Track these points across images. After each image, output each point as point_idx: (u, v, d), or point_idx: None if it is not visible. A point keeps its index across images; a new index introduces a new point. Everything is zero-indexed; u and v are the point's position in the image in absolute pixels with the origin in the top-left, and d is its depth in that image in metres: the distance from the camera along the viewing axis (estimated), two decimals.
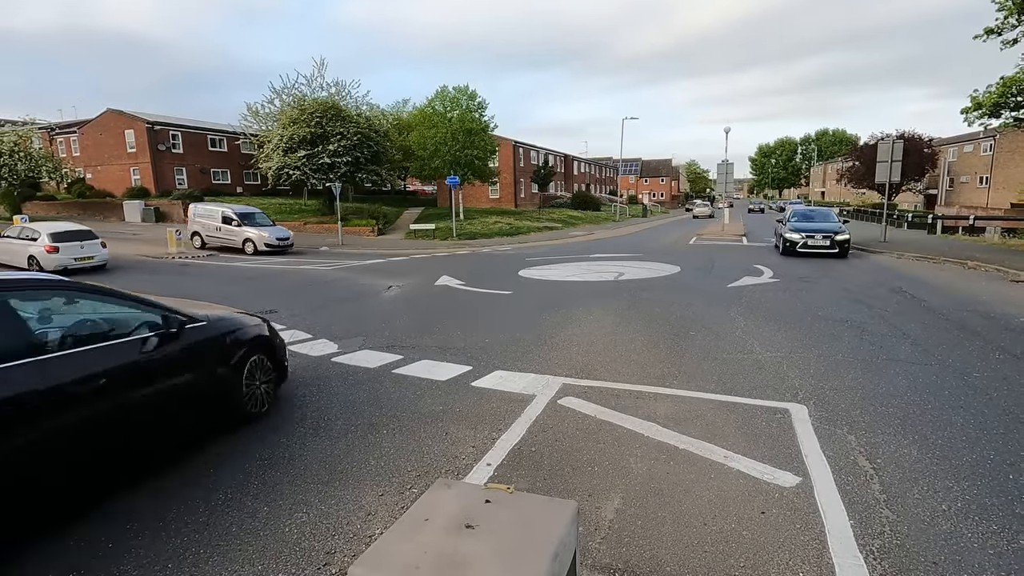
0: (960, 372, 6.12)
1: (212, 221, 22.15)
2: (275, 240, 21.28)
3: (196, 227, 22.63)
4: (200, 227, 22.44)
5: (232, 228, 21.59)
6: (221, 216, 22.01)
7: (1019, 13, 18.24)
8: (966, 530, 3.30)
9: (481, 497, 2.07)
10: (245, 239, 21.32)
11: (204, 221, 22.39)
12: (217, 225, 21.93)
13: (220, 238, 21.97)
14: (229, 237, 21.71)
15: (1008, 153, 41.21)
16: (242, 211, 22.55)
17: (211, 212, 22.61)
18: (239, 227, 21.48)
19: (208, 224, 22.22)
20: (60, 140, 43.76)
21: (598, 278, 13.71)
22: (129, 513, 3.61)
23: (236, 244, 21.54)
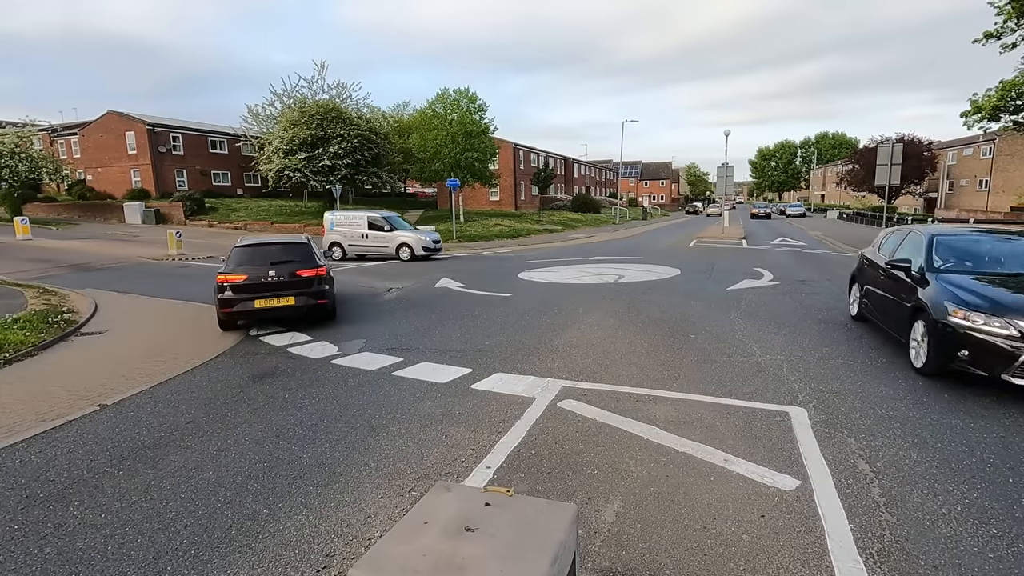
0: (960, 374, 6.10)
1: (356, 228, 20.29)
2: (431, 243, 19.94)
3: (336, 237, 20.44)
4: (341, 236, 20.40)
5: (382, 234, 19.98)
6: (367, 222, 20.27)
7: (1018, 17, 18.29)
8: (966, 534, 3.30)
9: (480, 500, 2.07)
10: (400, 245, 19.71)
11: (346, 229, 20.43)
12: (362, 232, 20.15)
13: (367, 246, 20.16)
14: (379, 244, 20.00)
15: (1007, 157, 41.28)
16: (386, 215, 21.11)
17: (354, 219, 20.62)
18: (391, 232, 19.97)
19: (351, 232, 20.31)
20: (61, 142, 43.80)
21: (598, 281, 13.71)
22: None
23: (388, 251, 19.87)
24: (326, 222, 21.08)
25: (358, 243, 20.27)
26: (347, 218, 20.80)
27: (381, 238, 20.01)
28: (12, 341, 7.79)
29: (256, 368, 6.92)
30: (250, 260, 8.91)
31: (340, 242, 20.43)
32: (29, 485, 4.12)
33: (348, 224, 20.50)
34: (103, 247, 22.83)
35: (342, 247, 20.40)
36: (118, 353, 7.87)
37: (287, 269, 8.84)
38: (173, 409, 5.60)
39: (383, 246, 20.00)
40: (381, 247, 20.03)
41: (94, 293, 12.31)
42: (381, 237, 20.00)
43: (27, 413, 5.55)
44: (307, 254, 9.26)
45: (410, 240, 19.67)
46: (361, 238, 20.21)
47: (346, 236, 20.37)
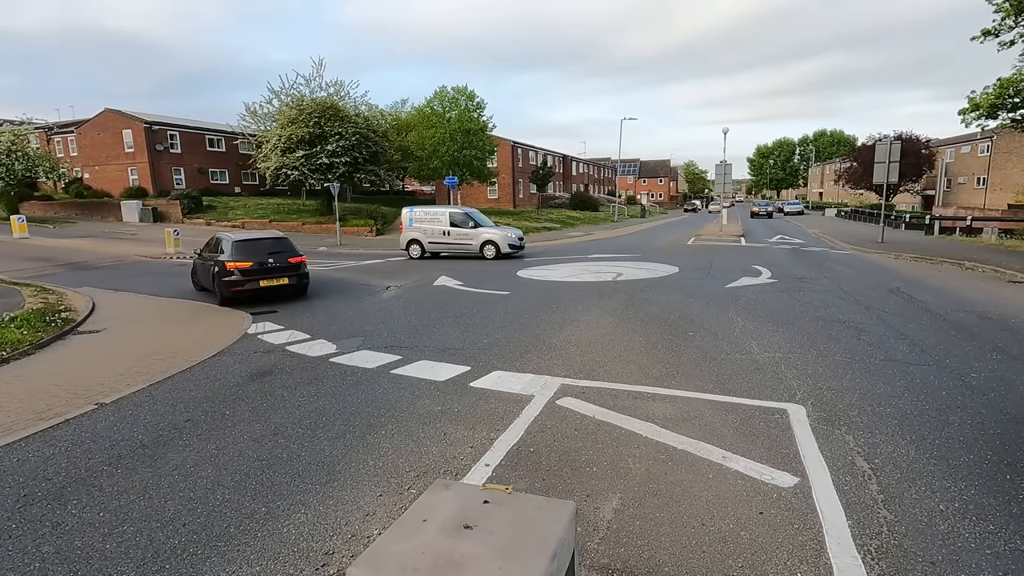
0: (957, 372, 6.13)
1: (437, 225, 19.42)
2: (516, 240, 19.13)
3: (415, 234, 19.62)
4: (421, 233, 19.55)
5: (466, 231, 19.08)
6: (449, 219, 19.40)
7: (1016, 15, 18.30)
8: (963, 530, 3.31)
9: (479, 498, 2.07)
10: (485, 242, 18.81)
11: (426, 226, 19.55)
12: (444, 229, 19.29)
13: (449, 244, 19.36)
14: (462, 242, 19.14)
15: (1005, 154, 41.35)
16: (468, 211, 20.32)
17: (435, 215, 19.73)
18: (474, 228, 19.08)
19: (432, 229, 19.45)
20: (58, 140, 43.64)
21: (596, 279, 13.72)
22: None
23: (471, 249, 19.03)
24: (404, 219, 20.06)
25: (439, 240, 19.43)
26: (427, 215, 19.84)
27: (464, 235, 19.15)
28: (10, 340, 7.77)
29: (254, 366, 6.91)
30: (251, 251, 11.22)
31: (419, 239, 19.57)
32: (27, 484, 4.11)
33: (428, 221, 19.63)
34: (100, 245, 22.77)
35: (421, 245, 19.54)
36: (116, 352, 7.86)
37: (281, 257, 11.42)
38: (171, 408, 5.60)
39: (466, 243, 19.13)
40: (464, 244, 19.17)
41: (91, 291, 12.28)
42: (464, 234, 19.16)
43: (25, 412, 5.54)
44: (290, 247, 11.86)
45: (495, 237, 18.83)
46: (442, 235, 19.36)
47: (426, 233, 19.51)
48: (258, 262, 11.10)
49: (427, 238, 19.50)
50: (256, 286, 11.01)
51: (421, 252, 19.56)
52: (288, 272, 11.36)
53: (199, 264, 12.63)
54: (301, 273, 11.67)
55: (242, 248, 11.19)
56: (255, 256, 11.17)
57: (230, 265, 10.88)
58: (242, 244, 11.30)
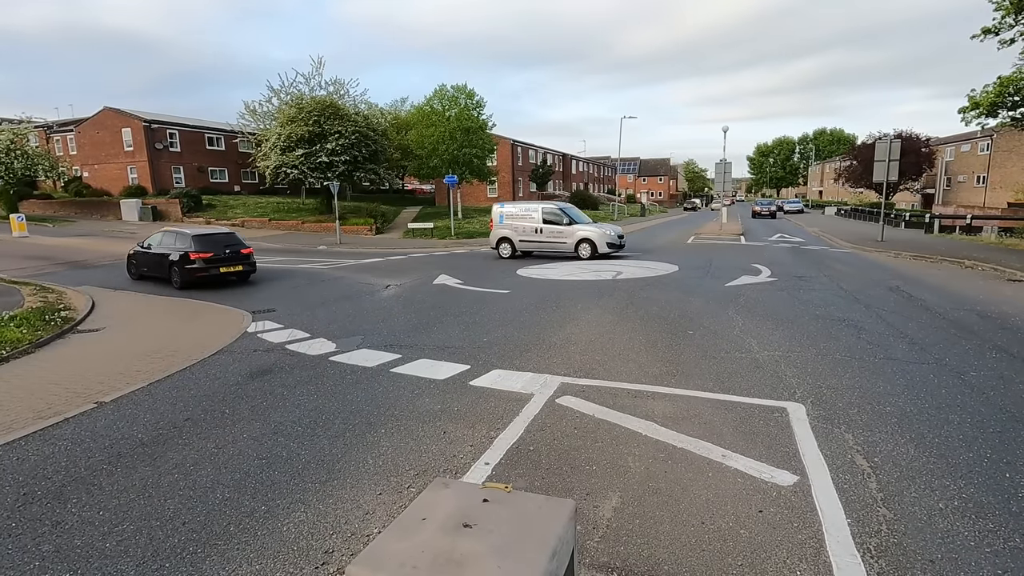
0: (957, 371, 6.13)
1: (529, 222, 18.18)
2: (616, 238, 17.67)
3: (505, 232, 18.44)
4: (511, 231, 18.36)
5: (560, 228, 17.76)
6: (541, 215, 18.08)
7: (1016, 13, 18.29)
8: (963, 528, 3.31)
9: (479, 496, 2.07)
10: (580, 241, 17.47)
11: (518, 223, 18.34)
12: (536, 226, 18.05)
13: (541, 242, 18.11)
14: (555, 240, 17.87)
15: (1005, 153, 41.33)
16: (563, 206, 18.79)
17: (526, 212, 18.39)
18: (569, 226, 17.70)
19: (523, 227, 18.24)
20: (57, 138, 43.59)
21: (596, 277, 13.71)
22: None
23: (566, 248, 17.81)
24: (494, 215, 18.90)
25: (531, 238, 18.22)
26: (519, 211, 18.61)
27: (558, 233, 17.84)
28: (9, 339, 7.77)
29: (254, 365, 6.91)
30: (210, 244, 13.36)
31: (510, 237, 18.40)
32: (27, 483, 4.11)
33: (520, 217, 18.39)
34: (100, 244, 22.75)
35: (512, 243, 18.35)
36: (116, 350, 7.86)
37: (235, 249, 13.68)
38: (171, 406, 5.59)
39: (560, 242, 17.87)
40: (558, 243, 17.91)
41: (91, 290, 12.27)
42: (558, 232, 17.84)
43: (24, 411, 5.54)
44: (239, 241, 14.18)
45: (592, 235, 17.47)
46: (535, 233, 18.13)
47: (517, 231, 18.33)
48: (216, 253, 13.27)
49: (518, 236, 18.31)
50: (217, 272, 13.21)
51: (512, 251, 18.41)
52: (241, 261, 13.71)
53: (144, 256, 14.40)
54: (251, 262, 14.00)
55: (203, 241, 13.31)
56: (214, 248, 13.33)
57: (193, 255, 12.93)
58: (202, 238, 13.42)
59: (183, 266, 12.97)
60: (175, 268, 13.20)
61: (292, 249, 22.14)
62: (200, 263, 12.91)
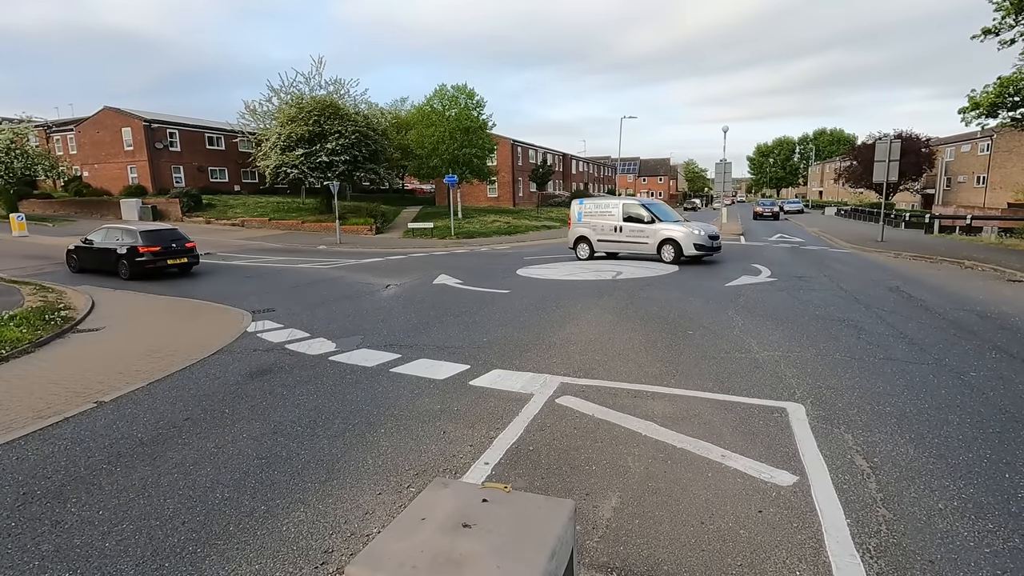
0: (956, 371, 6.13)
1: (608, 220, 16.59)
2: (706, 239, 15.63)
3: (584, 230, 17.05)
4: (590, 230, 16.93)
5: (641, 227, 16.09)
6: (622, 212, 16.44)
7: (1016, 13, 18.30)
8: (962, 529, 3.31)
9: (478, 496, 2.07)
10: (663, 241, 15.77)
11: (596, 221, 16.82)
12: (615, 224, 16.44)
13: (620, 242, 16.61)
14: (636, 240, 16.25)
15: (1005, 153, 41.33)
16: (647, 202, 17.10)
17: (605, 208, 16.80)
18: (651, 224, 15.95)
19: (602, 224, 16.71)
20: (57, 138, 43.59)
21: (596, 277, 13.71)
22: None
23: (647, 249, 16.19)
24: (573, 212, 17.52)
25: (609, 238, 16.68)
26: (598, 207, 17.07)
27: (639, 232, 16.19)
28: (9, 338, 7.77)
29: (254, 365, 6.91)
30: (157, 239, 14.78)
31: (588, 237, 16.91)
32: (26, 482, 4.11)
33: (599, 214, 16.86)
34: None
35: (590, 244, 16.90)
36: (115, 350, 7.86)
37: (179, 243, 15.11)
38: (171, 406, 5.60)
39: (641, 242, 16.21)
40: (638, 243, 16.27)
41: (91, 290, 12.27)
42: (639, 231, 16.19)
43: (24, 410, 5.54)
44: (183, 236, 15.51)
45: (677, 235, 15.61)
46: (613, 232, 16.53)
47: (596, 229, 16.88)
48: (163, 247, 14.71)
49: (596, 235, 16.87)
50: (165, 264, 14.62)
51: (590, 252, 16.99)
52: (186, 254, 15.17)
53: (86, 251, 15.50)
54: (194, 255, 15.52)
55: (150, 236, 14.79)
56: (160, 242, 14.75)
57: (142, 249, 14.37)
58: (150, 233, 14.93)
59: (132, 259, 14.34)
60: (124, 261, 14.47)
61: (292, 249, 22.14)
62: (148, 256, 14.35)
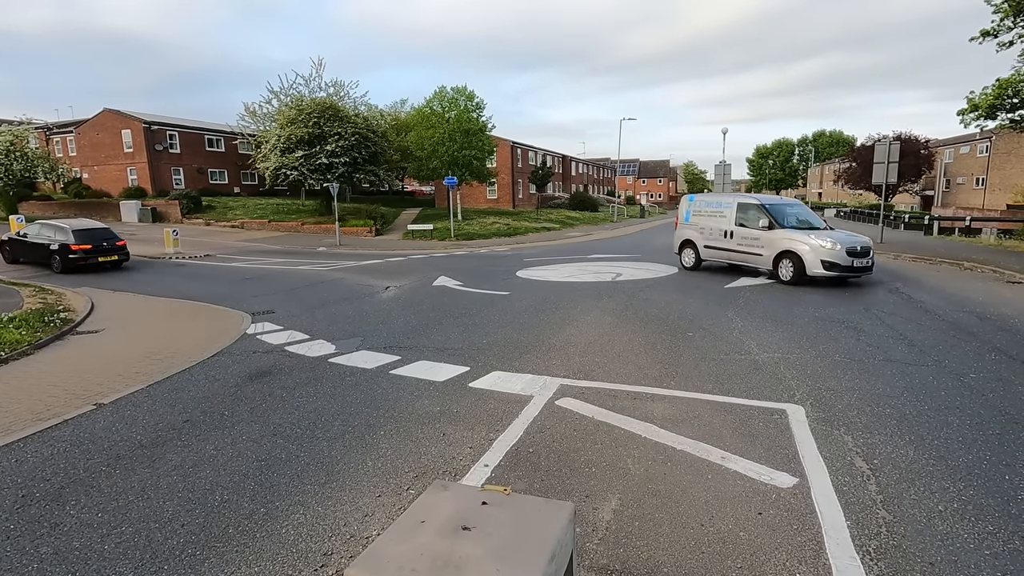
0: (956, 373, 6.13)
1: (717, 222, 13.49)
2: (842, 255, 11.32)
3: (690, 233, 14.23)
4: (697, 232, 14.09)
5: (755, 233, 12.65)
6: (735, 212, 13.13)
7: (1014, 16, 18.33)
8: (962, 531, 3.31)
9: (478, 499, 2.07)
10: (781, 253, 12.05)
11: (705, 222, 13.85)
12: (725, 229, 13.25)
13: (729, 251, 13.32)
14: (747, 250, 12.82)
15: (1004, 155, 41.41)
16: (767, 201, 13.18)
17: (716, 207, 13.65)
18: (769, 231, 12.36)
19: (710, 227, 13.70)
20: (56, 140, 43.60)
21: (596, 279, 13.71)
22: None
23: (760, 263, 12.63)
24: (681, 211, 14.70)
25: (716, 244, 13.56)
26: (710, 206, 13.93)
27: (752, 240, 12.69)
28: (8, 340, 7.76)
29: (253, 367, 6.90)
30: (89, 237, 15.96)
31: (694, 241, 14.04)
32: (26, 484, 4.11)
33: (710, 214, 13.78)
34: None
35: (696, 250, 14.00)
36: (115, 352, 7.85)
37: (111, 241, 16.38)
38: (170, 408, 5.59)
39: (752, 252, 12.68)
40: (750, 253, 12.76)
41: (90, 292, 12.27)
42: (752, 239, 12.69)
43: (23, 412, 5.53)
44: (114, 235, 16.82)
45: (800, 246, 11.75)
46: (722, 237, 13.35)
47: (703, 233, 13.95)
48: (95, 244, 15.86)
49: (704, 239, 13.94)
50: (96, 260, 15.79)
51: (695, 260, 14.06)
52: (116, 251, 16.39)
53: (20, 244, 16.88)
54: (124, 252, 16.74)
55: (82, 235, 15.87)
56: (92, 240, 15.88)
57: (74, 247, 15.49)
58: (82, 232, 16.00)
59: (65, 255, 15.52)
60: (56, 256, 15.63)
61: (292, 251, 22.14)
62: (81, 253, 15.59)
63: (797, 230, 12.36)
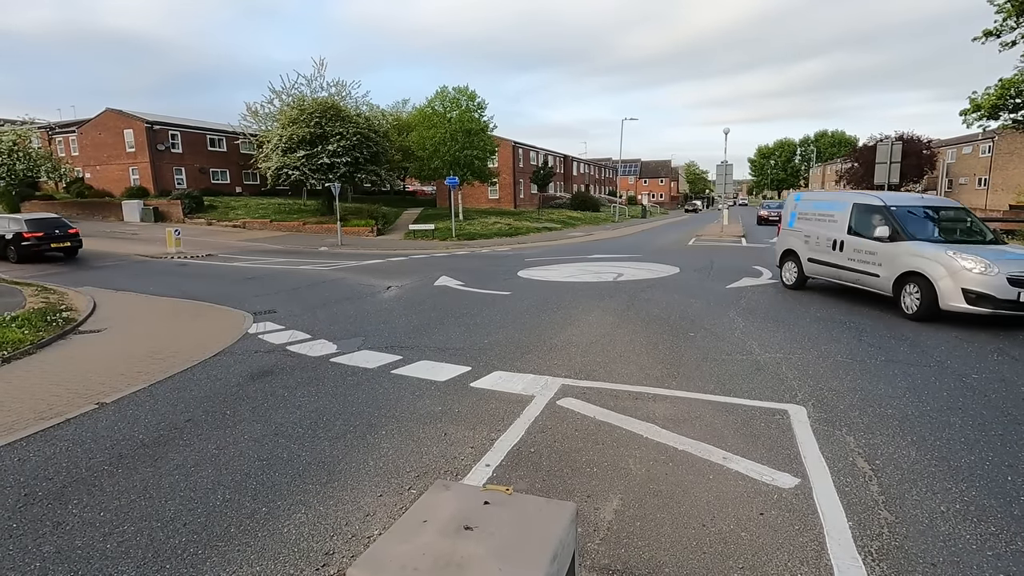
0: (958, 373, 6.12)
1: (826, 228, 10.58)
2: (1001, 285, 7.83)
3: (793, 241, 11.42)
4: (800, 240, 11.21)
5: (873, 245, 9.46)
6: (849, 217, 10.09)
7: (1017, 16, 18.30)
8: (964, 532, 3.31)
9: (480, 498, 2.07)
10: (906, 275, 8.84)
11: (812, 228, 10.97)
12: (835, 237, 10.27)
13: (838, 267, 10.29)
14: (861, 267, 9.72)
15: (1007, 155, 41.33)
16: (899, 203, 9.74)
17: (828, 210, 10.70)
18: (891, 243, 9.12)
19: (817, 235, 10.76)
20: (59, 140, 43.69)
21: (597, 279, 13.71)
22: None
23: (877, 284, 9.41)
24: (785, 212, 11.97)
25: (823, 256, 10.59)
26: (818, 207, 11.03)
27: (866, 255, 9.54)
28: (11, 339, 7.78)
29: (255, 366, 6.91)
30: (41, 226, 17.48)
31: (797, 251, 11.23)
32: (28, 483, 4.11)
33: (817, 218, 10.93)
34: (101, 245, 22.77)
35: (799, 263, 11.15)
36: (117, 351, 7.86)
37: (63, 229, 17.80)
38: (172, 407, 5.60)
39: (867, 272, 9.56)
40: (863, 273, 9.66)
41: (92, 291, 12.29)
42: (868, 252, 9.52)
43: (26, 411, 5.55)
44: (66, 223, 18.25)
45: (934, 269, 8.39)
46: (830, 248, 10.33)
47: (808, 241, 10.98)
48: (47, 232, 17.23)
49: (808, 250, 11.00)
50: (48, 248, 17.24)
51: (797, 277, 11.21)
52: (69, 239, 17.69)
53: None
54: (77, 239, 18.06)
55: (35, 223, 17.40)
56: (45, 229, 17.25)
57: (27, 235, 16.77)
58: (34, 221, 17.60)
59: (19, 243, 16.71)
60: (11, 246, 16.80)
61: (293, 250, 22.16)
62: (34, 240, 16.86)
63: (933, 243, 8.81)
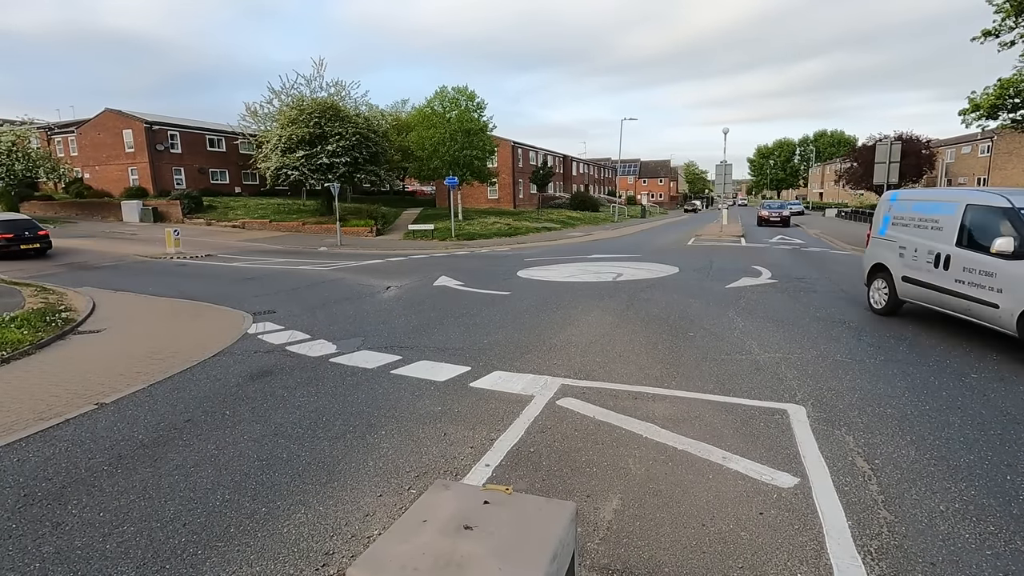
0: (958, 373, 6.13)
1: (928, 239, 8.18)
2: None
3: (884, 254, 9.19)
4: (894, 252, 8.93)
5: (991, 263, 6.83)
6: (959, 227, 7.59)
7: (1016, 16, 18.32)
8: (964, 531, 3.31)
9: (479, 498, 2.07)
10: None
11: (908, 237, 8.68)
12: (939, 251, 7.83)
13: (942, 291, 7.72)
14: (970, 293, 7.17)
15: (1005, 155, 41.36)
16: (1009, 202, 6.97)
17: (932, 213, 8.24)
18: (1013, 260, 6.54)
19: (916, 245, 8.42)
20: (58, 140, 43.66)
21: (596, 279, 13.71)
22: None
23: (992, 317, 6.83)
24: (877, 215, 9.89)
25: (921, 277, 8.23)
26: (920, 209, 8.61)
27: (982, 276, 7.04)
28: (10, 340, 7.77)
29: (254, 366, 6.91)
30: (10, 227, 18.31)
31: (888, 265, 9.05)
32: (27, 484, 4.11)
33: (916, 224, 8.59)
34: (101, 245, 22.77)
35: (891, 281, 8.94)
36: (116, 351, 7.86)
37: (32, 231, 18.69)
38: (171, 408, 5.60)
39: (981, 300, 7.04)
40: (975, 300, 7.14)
41: (92, 291, 12.28)
42: (982, 273, 7.05)
43: (25, 412, 5.54)
44: (36, 225, 19.26)
45: None
46: (933, 264, 7.95)
47: (904, 255, 8.68)
48: (16, 233, 18.09)
49: (902, 266, 8.74)
50: (17, 248, 18.03)
51: (889, 300, 9.02)
52: (39, 240, 18.59)
53: None
54: (47, 240, 18.91)
55: (5, 225, 18.28)
56: (15, 230, 18.19)
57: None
58: (4, 223, 18.39)
59: None
60: None
61: (293, 250, 22.15)
62: (3, 241, 17.64)
63: None
